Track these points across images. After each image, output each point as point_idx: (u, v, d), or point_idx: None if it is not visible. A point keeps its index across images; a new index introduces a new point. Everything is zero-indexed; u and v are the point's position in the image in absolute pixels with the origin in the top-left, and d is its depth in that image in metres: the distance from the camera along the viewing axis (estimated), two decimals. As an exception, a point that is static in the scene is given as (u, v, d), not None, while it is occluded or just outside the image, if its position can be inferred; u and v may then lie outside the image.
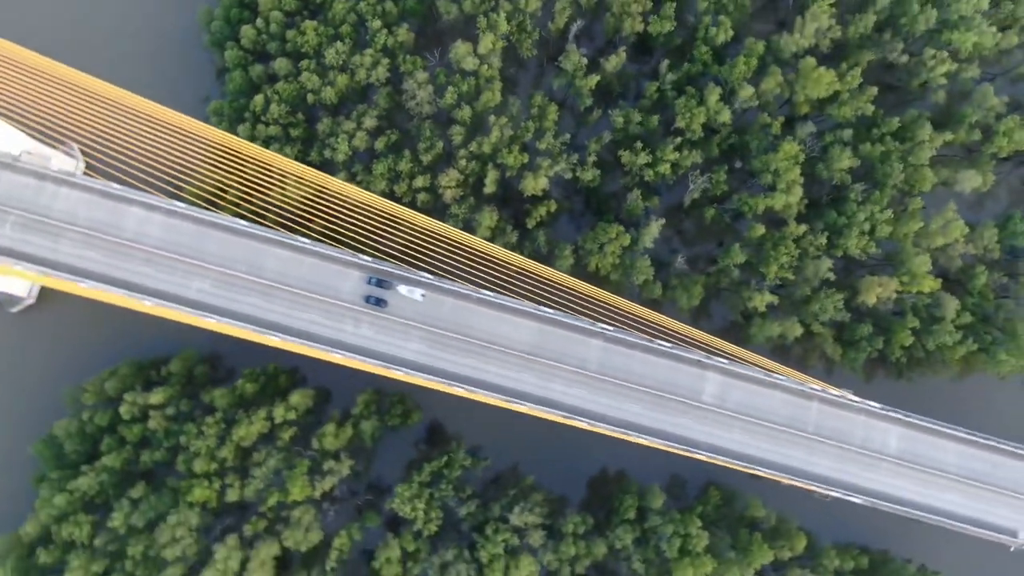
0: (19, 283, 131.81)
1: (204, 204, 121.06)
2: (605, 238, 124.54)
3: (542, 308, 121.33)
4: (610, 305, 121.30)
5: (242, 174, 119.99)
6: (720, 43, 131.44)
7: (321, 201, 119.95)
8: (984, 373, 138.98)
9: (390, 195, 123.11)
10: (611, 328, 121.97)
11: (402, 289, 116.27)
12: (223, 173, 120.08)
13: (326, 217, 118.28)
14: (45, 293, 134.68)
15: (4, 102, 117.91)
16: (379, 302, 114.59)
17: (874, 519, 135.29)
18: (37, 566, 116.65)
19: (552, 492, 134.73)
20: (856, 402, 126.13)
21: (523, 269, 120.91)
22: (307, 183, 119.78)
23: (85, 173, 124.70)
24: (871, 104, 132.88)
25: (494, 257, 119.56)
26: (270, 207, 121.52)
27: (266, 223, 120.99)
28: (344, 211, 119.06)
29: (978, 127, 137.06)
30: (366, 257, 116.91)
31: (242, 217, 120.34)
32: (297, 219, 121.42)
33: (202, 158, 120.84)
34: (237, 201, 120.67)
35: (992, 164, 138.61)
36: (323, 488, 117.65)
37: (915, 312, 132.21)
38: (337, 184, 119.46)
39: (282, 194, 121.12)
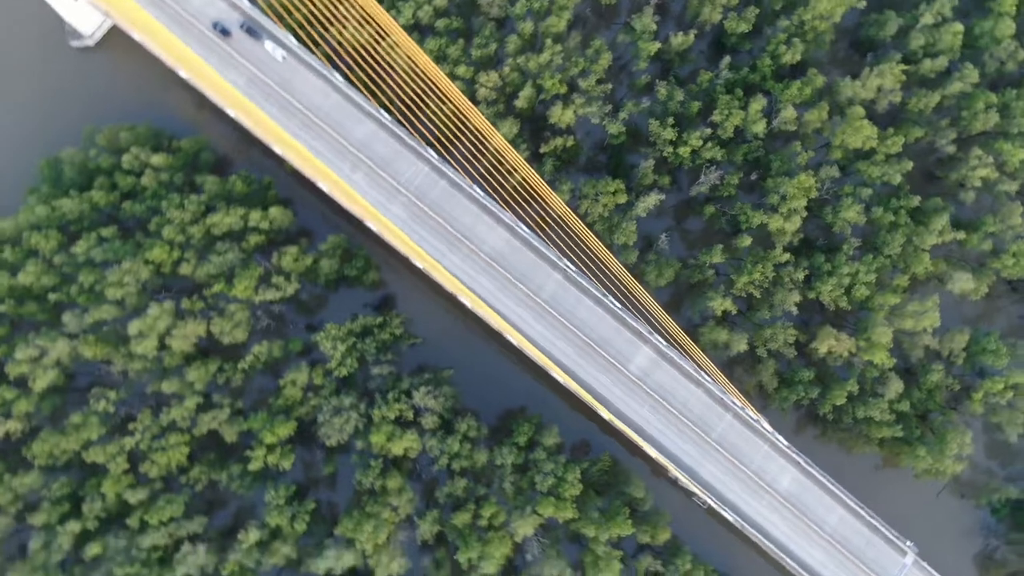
0: (87, 22, 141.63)
1: (270, 13, 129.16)
2: (604, 189, 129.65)
3: (520, 224, 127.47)
4: (589, 248, 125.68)
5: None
6: (785, 63, 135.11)
7: (373, 49, 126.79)
8: (899, 467, 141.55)
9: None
10: (573, 268, 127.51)
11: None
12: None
13: (372, 66, 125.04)
14: (105, 41, 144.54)
15: None
16: (224, 31, 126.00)
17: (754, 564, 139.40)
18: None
19: (466, 403, 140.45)
20: (767, 431, 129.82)
21: (525, 180, 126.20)
22: (370, 26, 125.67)
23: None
24: (900, 176, 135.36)
25: (504, 156, 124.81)
26: (323, 39, 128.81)
27: (315, 51, 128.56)
28: (392, 67, 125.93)
29: (992, 239, 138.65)
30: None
31: (296, 36, 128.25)
32: (347, 58, 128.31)
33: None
34: (300, 22, 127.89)
35: (992, 279, 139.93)
36: (264, 297, 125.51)
37: (860, 379, 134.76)
38: (400, 36, 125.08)
39: (340, 32, 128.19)
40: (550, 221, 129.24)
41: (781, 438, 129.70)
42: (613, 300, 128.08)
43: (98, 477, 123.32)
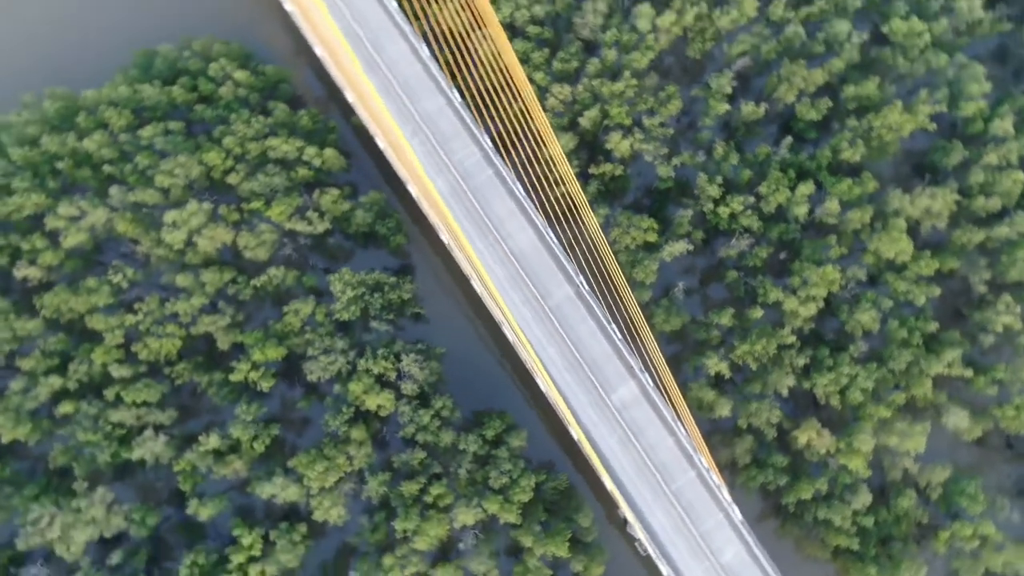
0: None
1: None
2: (637, 223, 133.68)
3: (549, 231, 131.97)
4: (608, 274, 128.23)
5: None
6: (843, 159, 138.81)
7: (466, 34, 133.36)
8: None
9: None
10: (586, 287, 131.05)
11: None
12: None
13: (460, 48, 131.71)
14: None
15: None
16: None
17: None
18: (72, 122, 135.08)
19: (449, 388, 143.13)
20: (725, 500, 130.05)
21: (567, 193, 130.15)
22: (469, 12, 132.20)
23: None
24: (925, 298, 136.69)
25: (555, 165, 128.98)
26: (424, 13, 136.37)
27: (413, 23, 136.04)
28: (477, 54, 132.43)
29: (999, 387, 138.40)
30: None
31: (399, 3, 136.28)
32: (437, 35, 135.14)
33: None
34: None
35: (990, 425, 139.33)
36: (295, 227, 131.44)
37: (831, 481, 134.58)
38: (495, 28, 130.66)
39: (440, 10, 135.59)
40: (579, 238, 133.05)
41: (737, 511, 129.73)
42: (615, 329, 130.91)
43: (92, 344, 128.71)
